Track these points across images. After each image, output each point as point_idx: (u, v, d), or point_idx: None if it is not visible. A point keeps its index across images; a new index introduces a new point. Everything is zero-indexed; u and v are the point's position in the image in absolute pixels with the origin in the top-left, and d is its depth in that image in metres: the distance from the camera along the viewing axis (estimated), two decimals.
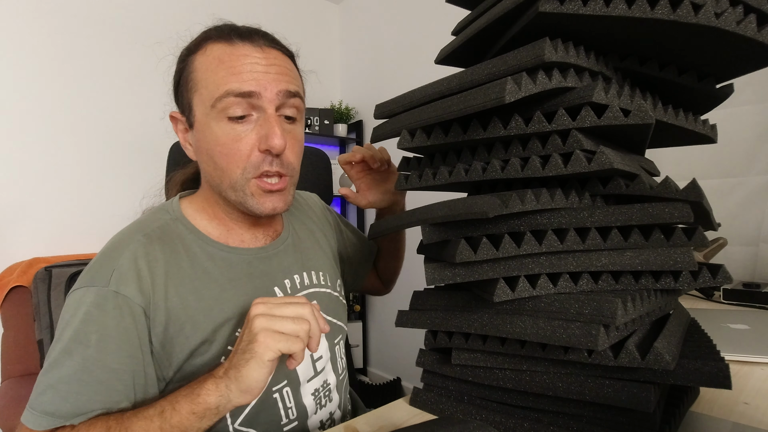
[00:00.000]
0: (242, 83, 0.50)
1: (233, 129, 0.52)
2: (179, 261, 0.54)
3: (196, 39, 0.56)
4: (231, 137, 0.52)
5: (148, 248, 0.52)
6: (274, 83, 0.52)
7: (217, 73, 0.51)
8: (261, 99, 0.52)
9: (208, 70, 0.52)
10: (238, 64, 0.51)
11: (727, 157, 1.19)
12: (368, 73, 2.56)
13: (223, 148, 0.52)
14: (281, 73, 0.53)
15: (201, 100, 0.53)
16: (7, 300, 1.32)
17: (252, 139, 0.52)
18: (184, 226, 0.57)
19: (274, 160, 0.54)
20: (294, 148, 0.56)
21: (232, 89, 0.50)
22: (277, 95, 0.52)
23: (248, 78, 0.51)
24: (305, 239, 0.70)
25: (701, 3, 0.35)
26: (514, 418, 0.43)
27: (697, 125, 0.46)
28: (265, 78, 0.52)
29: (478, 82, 0.41)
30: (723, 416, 0.43)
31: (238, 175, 0.53)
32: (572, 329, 0.36)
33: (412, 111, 0.47)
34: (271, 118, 0.52)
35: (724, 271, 0.38)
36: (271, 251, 0.62)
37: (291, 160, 0.56)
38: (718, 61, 0.43)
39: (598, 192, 0.41)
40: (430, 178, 0.48)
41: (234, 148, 0.52)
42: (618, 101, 0.38)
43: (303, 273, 0.65)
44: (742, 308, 0.90)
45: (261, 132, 0.52)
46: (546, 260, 0.41)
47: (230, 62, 0.51)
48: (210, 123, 0.53)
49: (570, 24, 0.39)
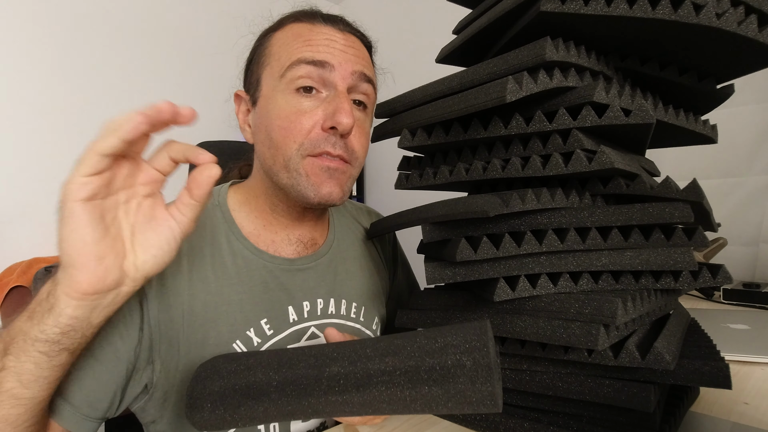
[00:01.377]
0: (316, 53, 0.48)
1: (299, 102, 0.49)
2: (202, 245, 0.51)
3: (278, 19, 0.55)
4: (295, 110, 0.48)
5: None
6: (351, 62, 0.50)
7: (292, 45, 0.50)
8: (333, 72, 0.49)
9: (283, 45, 0.51)
10: (315, 38, 0.50)
11: (727, 157, 1.19)
12: None
13: (283, 122, 0.49)
14: (358, 55, 0.52)
15: (271, 72, 0.51)
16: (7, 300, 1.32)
17: (317, 116, 0.49)
18: (222, 213, 0.54)
19: (338, 142, 0.49)
20: (360, 137, 0.52)
21: (305, 56, 0.48)
22: (352, 74, 0.50)
23: (324, 50, 0.49)
24: (348, 261, 0.62)
25: (702, 3, 0.35)
26: (514, 418, 0.43)
27: (697, 125, 0.46)
28: (342, 55, 0.50)
29: (479, 82, 0.41)
30: (723, 416, 0.43)
31: (294, 151, 0.49)
32: (572, 329, 0.36)
33: (413, 110, 0.47)
34: (341, 95, 0.49)
35: (724, 271, 0.38)
36: (299, 265, 0.56)
37: (356, 148, 0.52)
38: (718, 62, 0.43)
39: (598, 192, 0.41)
40: (431, 178, 0.48)
41: (295, 121, 0.48)
42: (619, 101, 0.38)
43: (330, 299, 0.57)
44: (742, 308, 0.90)
45: (328, 109, 0.49)
46: (546, 260, 0.41)
47: (308, 36, 0.50)
48: (276, 96, 0.50)
49: (571, 23, 0.39)
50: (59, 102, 1.76)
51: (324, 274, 0.58)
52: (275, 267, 0.54)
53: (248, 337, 0.50)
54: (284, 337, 0.52)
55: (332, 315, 0.57)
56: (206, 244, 0.51)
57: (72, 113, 1.79)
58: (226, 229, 0.54)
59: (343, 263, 0.61)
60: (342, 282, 0.60)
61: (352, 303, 0.59)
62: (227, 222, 0.54)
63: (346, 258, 0.62)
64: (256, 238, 0.55)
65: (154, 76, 1.98)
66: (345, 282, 0.60)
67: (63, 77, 1.77)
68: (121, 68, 1.91)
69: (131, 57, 1.93)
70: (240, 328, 0.50)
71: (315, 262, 0.58)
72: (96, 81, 1.85)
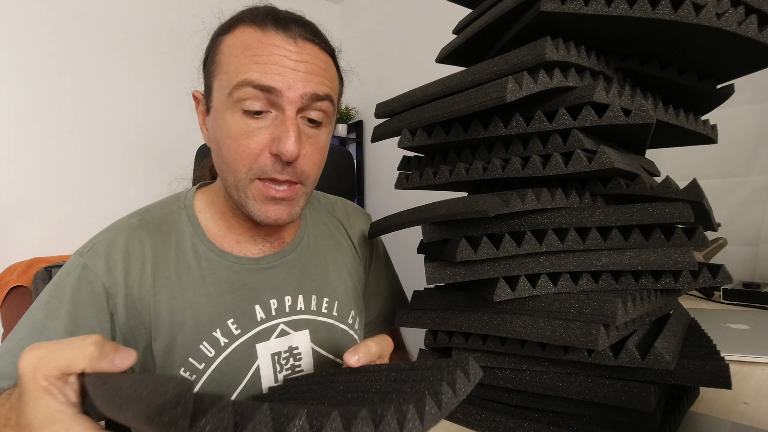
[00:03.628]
0: (264, 75, 0.46)
1: (246, 123, 0.47)
2: (167, 252, 0.52)
3: (230, 18, 0.51)
4: (243, 132, 0.47)
5: (137, 232, 0.52)
6: (301, 83, 0.47)
7: (240, 59, 0.47)
8: (282, 98, 0.46)
9: (232, 55, 0.48)
10: (265, 54, 0.46)
11: (727, 157, 1.19)
12: (368, 73, 2.56)
13: (232, 142, 0.48)
14: (312, 72, 0.48)
15: (220, 85, 0.49)
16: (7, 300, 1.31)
17: (264, 139, 0.47)
18: (188, 217, 0.55)
19: (285, 168, 0.49)
20: (313, 157, 0.51)
21: (251, 79, 0.45)
22: (302, 97, 0.47)
23: (273, 71, 0.46)
24: (319, 256, 0.62)
25: (702, 3, 0.35)
26: (514, 418, 0.43)
27: (697, 125, 0.46)
28: (292, 76, 0.46)
29: (479, 81, 0.41)
30: (723, 416, 0.43)
31: (243, 174, 0.49)
32: (572, 329, 0.36)
33: (413, 110, 0.47)
34: (288, 120, 0.47)
35: (724, 271, 0.38)
36: (264, 264, 0.56)
37: (306, 169, 0.50)
38: (718, 62, 0.43)
39: (598, 192, 0.41)
40: (431, 177, 0.48)
41: (244, 144, 0.47)
42: (619, 101, 0.38)
43: (299, 296, 0.58)
44: (742, 308, 0.90)
45: (275, 133, 0.47)
46: (546, 260, 0.41)
47: (257, 49, 0.46)
48: (225, 112, 0.48)
49: (571, 23, 0.39)
50: (59, 102, 1.76)
51: (291, 271, 0.58)
52: (240, 267, 0.55)
53: (215, 338, 0.51)
54: (252, 335, 0.53)
55: (302, 311, 0.57)
56: (171, 249, 0.53)
57: (72, 113, 1.79)
58: (191, 231, 0.55)
59: (312, 259, 0.61)
60: (311, 278, 0.60)
61: (323, 298, 0.60)
62: (192, 224, 0.55)
63: (316, 253, 0.62)
64: (221, 240, 0.56)
65: (154, 76, 1.98)
66: (315, 278, 0.60)
67: (64, 77, 1.77)
68: (121, 68, 1.91)
69: (131, 57, 1.93)
70: (206, 329, 0.51)
71: (281, 260, 0.58)
72: (96, 82, 1.85)
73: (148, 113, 1.95)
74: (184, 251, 0.53)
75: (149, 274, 0.50)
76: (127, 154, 1.92)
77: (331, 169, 0.96)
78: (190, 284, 0.52)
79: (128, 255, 0.50)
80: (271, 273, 0.57)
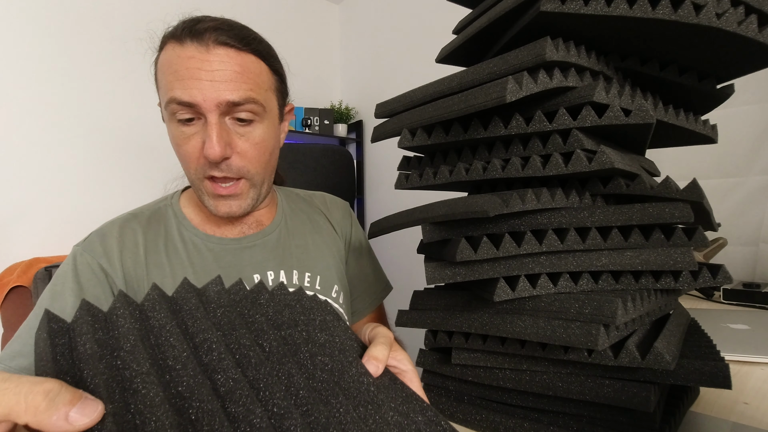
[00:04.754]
0: (183, 91, 0.50)
1: (182, 131, 0.53)
2: (157, 239, 0.59)
3: (163, 35, 0.55)
4: (181, 138, 0.53)
5: (129, 223, 0.59)
6: (215, 93, 0.50)
7: (167, 77, 0.51)
8: (202, 108, 0.51)
9: (162, 72, 0.53)
10: (182, 69, 0.50)
11: (727, 157, 1.19)
12: (368, 73, 2.56)
13: (177, 148, 0.55)
14: (225, 79, 0.51)
15: (162, 100, 0.54)
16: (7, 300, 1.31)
17: (198, 143, 0.53)
18: (173, 211, 0.62)
19: (219, 166, 0.53)
20: (248, 153, 0.55)
21: (175, 96, 0.50)
22: (218, 106, 0.51)
23: (191, 86, 0.50)
24: (298, 237, 0.68)
25: (702, 3, 0.35)
26: (514, 418, 0.43)
27: (697, 125, 0.46)
28: (207, 87, 0.50)
29: (479, 82, 0.41)
30: (723, 416, 0.43)
31: (193, 174, 0.55)
32: (572, 329, 0.36)
33: (413, 110, 0.47)
34: (209, 126, 0.51)
35: (724, 271, 0.38)
36: (245, 243, 0.62)
37: (242, 165, 0.55)
38: (718, 62, 0.43)
39: (598, 192, 0.41)
40: (431, 178, 0.48)
41: (184, 149, 0.54)
42: (619, 101, 0.38)
43: (281, 271, 0.63)
44: (742, 308, 0.90)
45: (203, 137, 0.52)
46: (546, 260, 0.41)
47: (176, 66, 0.50)
48: (168, 122, 0.54)
49: (571, 23, 0.39)
50: (60, 102, 1.76)
51: (273, 249, 0.64)
52: (222, 248, 0.61)
53: None
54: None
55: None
56: (160, 236, 0.60)
57: (72, 113, 1.79)
58: (177, 222, 0.62)
59: (292, 239, 0.67)
60: (292, 255, 0.65)
61: (305, 273, 0.65)
62: (177, 217, 0.62)
63: (295, 234, 0.68)
64: (203, 226, 0.62)
65: None
66: (296, 255, 0.65)
67: (64, 78, 1.77)
68: (120, 68, 1.91)
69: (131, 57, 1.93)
70: None
71: (262, 240, 0.64)
72: (95, 81, 1.85)
73: (150, 114, 1.95)
74: (172, 238, 0.60)
75: (142, 257, 0.57)
76: (128, 154, 1.92)
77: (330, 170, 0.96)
78: (179, 265, 0.58)
79: (122, 240, 0.57)
80: (253, 251, 0.62)
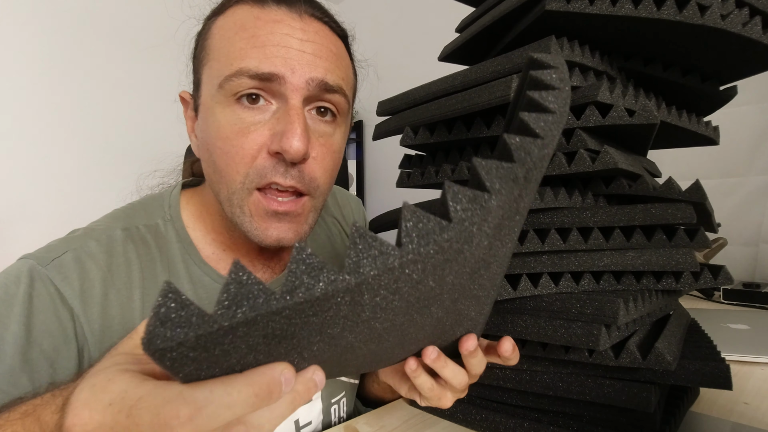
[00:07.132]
0: (263, 60, 0.37)
1: (240, 119, 0.38)
2: (156, 273, 0.44)
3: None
4: (236, 129, 0.38)
5: (122, 247, 0.43)
6: (307, 67, 0.38)
7: (234, 43, 0.38)
8: (284, 84, 0.37)
9: (224, 38, 0.39)
10: (264, 33, 0.37)
11: (727, 157, 1.19)
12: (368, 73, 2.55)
13: (224, 144, 0.38)
14: (320, 55, 0.39)
15: (209, 76, 0.40)
16: None
17: (262, 135, 0.38)
18: (176, 232, 0.47)
19: (289, 170, 0.39)
20: (324, 160, 0.41)
21: (247, 68, 0.37)
22: (307, 84, 0.38)
23: (274, 53, 0.37)
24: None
25: (707, 4, 0.35)
26: (514, 418, 0.43)
27: (700, 127, 0.46)
28: (297, 57, 0.37)
29: (483, 80, 0.41)
30: (723, 416, 0.44)
31: (238, 184, 0.39)
32: (574, 329, 0.36)
33: (415, 108, 0.47)
34: (292, 111, 0.38)
35: (725, 272, 0.39)
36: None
37: (316, 176, 0.41)
38: (722, 63, 0.43)
39: (601, 192, 0.41)
40: (433, 176, 0.48)
41: (237, 144, 0.38)
42: (623, 101, 0.38)
43: None
44: (742, 308, 0.91)
45: (276, 128, 0.38)
46: (548, 259, 0.41)
47: (254, 29, 0.37)
48: (214, 108, 0.39)
49: (576, 23, 0.39)
50: (60, 102, 1.76)
51: None
52: None
53: None
54: None
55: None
56: (161, 269, 0.44)
57: (72, 114, 1.78)
58: (183, 251, 0.46)
59: None
60: None
61: None
62: (183, 243, 0.46)
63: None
64: (216, 263, 0.47)
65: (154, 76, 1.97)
66: None
67: (64, 78, 1.77)
68: (120, 68, 1.90)
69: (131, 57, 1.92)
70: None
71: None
72: (95, 81, 1.84)
73: (150, 114, 1.95)
74: (177, 274, 0.45)
75: (138, 302, 0.42)
76: (128, 154, 1.91)
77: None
78: None
79: (111, 272, 0.42)
80: None
